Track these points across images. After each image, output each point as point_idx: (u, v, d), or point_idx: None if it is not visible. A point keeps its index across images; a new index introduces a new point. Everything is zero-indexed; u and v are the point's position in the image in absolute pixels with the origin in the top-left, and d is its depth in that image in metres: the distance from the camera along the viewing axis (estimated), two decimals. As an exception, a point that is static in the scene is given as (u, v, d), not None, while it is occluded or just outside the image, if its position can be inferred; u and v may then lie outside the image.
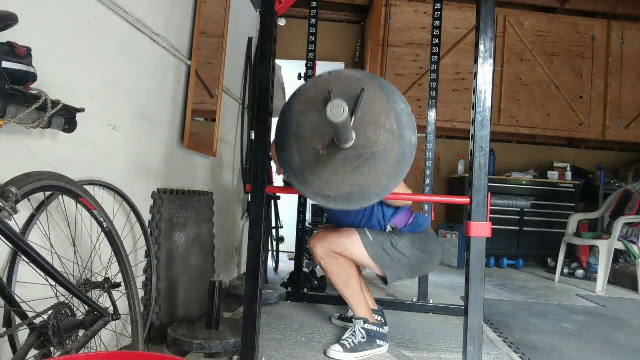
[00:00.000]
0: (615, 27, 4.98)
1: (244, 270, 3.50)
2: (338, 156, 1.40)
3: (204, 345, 1.73)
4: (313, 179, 1.44)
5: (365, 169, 1.40)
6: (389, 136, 1.40)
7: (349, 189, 1.42)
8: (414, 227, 2.04)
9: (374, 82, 1.42)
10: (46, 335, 1.04)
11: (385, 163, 1.41)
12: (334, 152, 1.40)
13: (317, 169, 1.43)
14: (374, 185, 1.42)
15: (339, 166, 1.41)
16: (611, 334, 2.43)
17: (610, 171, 5.11)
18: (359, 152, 1.39)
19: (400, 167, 1.41)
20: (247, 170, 3.28)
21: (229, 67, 2.79)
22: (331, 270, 1.95)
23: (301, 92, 1.50)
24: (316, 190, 1.45)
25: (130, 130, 1.77)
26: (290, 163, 1.46)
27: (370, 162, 1.40)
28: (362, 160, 1.40)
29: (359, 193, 1.42)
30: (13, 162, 1.17)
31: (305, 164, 1.44)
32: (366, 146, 1.40)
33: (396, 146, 1.40)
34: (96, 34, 1.51)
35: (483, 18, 1.51)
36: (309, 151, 1.43)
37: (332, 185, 1.44)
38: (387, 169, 1.41)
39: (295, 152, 1.45)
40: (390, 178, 1.42)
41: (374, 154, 1.40)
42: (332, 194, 1.44)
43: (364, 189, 1.42)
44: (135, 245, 1.83)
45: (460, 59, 4.80)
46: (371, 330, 1.92)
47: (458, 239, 4.55)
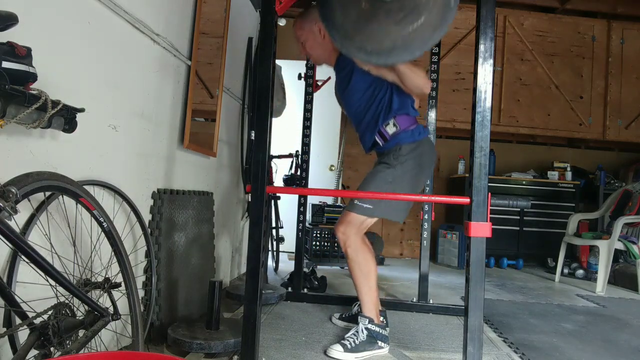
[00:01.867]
0: (615, 27, 4.98)
1: (244, 270, 3.50)
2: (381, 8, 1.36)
3: (204, 345, 1.73)
4: (355, 34, 1.40)
5: (409, 21, 1.36)
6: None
7: (392, 42, 1.38)
8: (413, 134, 2.01)
9: None
10: (46, 335, 1.04)
11: (429, 13, 1.36)
12: (376, 4, 1.36)
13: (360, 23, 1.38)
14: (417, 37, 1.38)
15: (382, 19, 1.37)
16: (611, 334, 2.43)
17: (610, 171, 5.11)
18: (402, 3, 1.35)
19: (445, 16, 1.37)
20: (247, 170, 3.28)
21: (229, 67, 2.79)
22: (356, 260, 1.96)
23: None
24: (359, 45, 1.41)
25: (130, 130, 1.77)
26: (332, 17, 1.42)
27: (414, 13, 1.36)
28: (406, 11, 1.36)
29: (402, 46, 1.38)
30: (13, 162, 1.17)
31: (348, 17, 1.40)
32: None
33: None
34: (96, 34, 1.51)
35: (483, 18, 1.51)
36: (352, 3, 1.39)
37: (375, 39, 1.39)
38: (430, 19, 1.37)
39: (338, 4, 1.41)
40: (434, 29, 1.38)
41: (417, 5, 1.36)
42: (375, 48, 1.40)
43: (406, 42, 1.38)
44: (135, 245, 1.83)
45: (460, 59, 4.81)
46: (373, 330, 1.92)
47: (458, 239, 4.55)
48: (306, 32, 2.09)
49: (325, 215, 4.27)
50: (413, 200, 2.08)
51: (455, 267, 4.50)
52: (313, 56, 2.16)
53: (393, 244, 5.22)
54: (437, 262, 4.76)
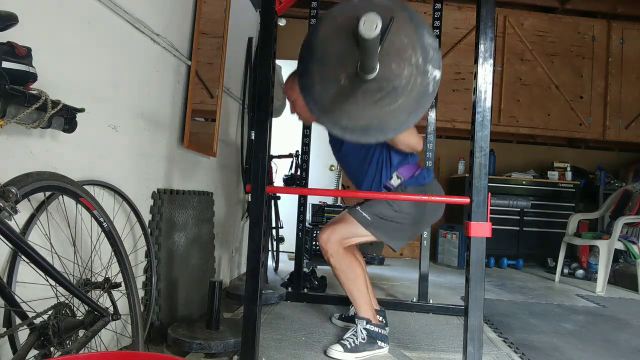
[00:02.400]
0: (615, 27, 4.98)
1: (244, 270, 3.50)
2: (360, 87, 1.38)
3: (204, 345, 1.73)
4: (332, 109, 1.42)
5: (386, 102, 1.38)
6: (413, 70, 1.37)
7: (367, 121, 1.40)
8: (419, 180, 2.01)
9: (403, 12, 1.38)
10: (46, 335, 1.04)
11: (407, 97, 1.38)
12: (356, 83, 1.38)
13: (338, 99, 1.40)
14: (392, 119, 1.40)
15: (359, 97, 1.39)
16: (611, 334, 2.43)
17: (610, 171, 5.11)
18: (381, 84, 1.37)
19: (422, 102, 1.38)
20: (247, 170, 3.28)
21: (229, 67, 2.79)
22: (340, 268, 1.95)
23: (328, 17, 1.45)
24: (334, 120, 1.43)
25: (130, 130, 1.77)
26: (310, 90, 1.44)
27: (392, 95, 1.38)
28: (384, 93, 1.37)
29: (377, 126, 1.40)
30: (13, 162, 1.17)
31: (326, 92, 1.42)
32: (389, 79, 1.37)
33: (419, 81, 1.38)
34: (96, 34, 1.51)
35: (483, 18, 1.51)
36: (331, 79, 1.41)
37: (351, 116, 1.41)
38: (407, 103, 1.38)
39: (317, 79, 1.42)
40: (410, 113, 1.40)
41: (395, 88, 1.37)
42: (349, 124, 1.42)
43: (382, 122, 1.40)
44: (135, 245, 1.83)
45: (460, 59, 4.80)
46: (372, 331, 1.92)
47: (458, 239, 4.55)
48: (296, 93, 2.09)
49: (325, 215, 4.28)
50: (413, 200, 2.08)
51: (455, 267, 4.50)
52: (302, 116, 2.16)
53: (393, 244, 5.21)
54: (437, 262, 4.76)
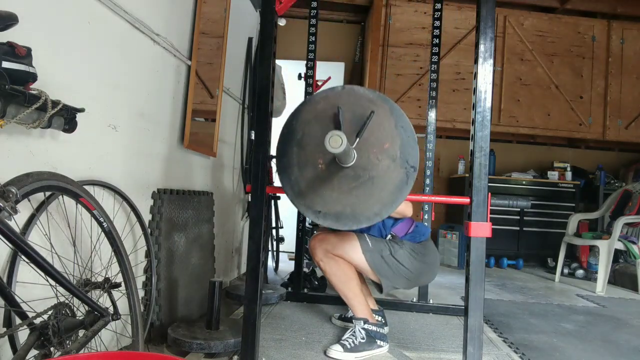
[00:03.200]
0: (615, 27, 4.98)
1: (244, 270, 3.50)
2: (336, 174, 1.41)
3: (204, 345, 1.73)
4: (307, 192, 1.45)
5: (361, 192, 1.41)
6: (391, 162, 1.40)
7: (341, 208, 1.43)
8: (414, 236, 2.04)
9: (384, 105, 1.42)
10: (46, 335, 1.04)
11: (382, 189, 1.41)
12: (333, 169, 1.40)
13: (313, 183, 1.43)
14: (366, 209, 1.42)
15: (335, 184, 1.42)
16: (611, 334, 2.43)
17: (610, 171, 5.11)
18: (357, 172, 1.40)
19: (396, 196, 1.41)
20: (247, 170, 3.28)
21: (229, 67, 2.79)
22: (330, 272, 1.96)
23: (311, 102, 1.50)
24: (308, 204, 1.46)
25: (130, 130, 1.77)
26: (287, 171, 1.47)
27: (367, 185, 1.40)
28: (360, 182, 1.40)
29: (350, 214, 1.43)
30: (13, 162, 1.17)
31: (303, 175, 1.45)
32: (366, 168, 1.40)
33: (395, 174, 1.41)
34: (96, 34, 1.51)
35: (483, 18, 1.51)
36: (309, 163, 1.43)
37: (325, 202, 1.44)
38: (382, 195, 1.41)
39: (295, 161, 1.45)
40: (383, 205, 1.42)
41: (372, 178, 1.40)
42: (323, 210, 1.44)
43: (355, 212, 1.42)
44: (135, 245, 1.83)
45: (460, 59, 4.80)
46: (371, 330, 1.92)
47: (458, 239, 4.55)
48: None
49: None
50: (413, 201, 2.08)
51: (455, 267, 4.50)
52: None
53: (393, 244, 5.21)
54: (437, 262, 4.76)
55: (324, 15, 5.02)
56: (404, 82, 4.76)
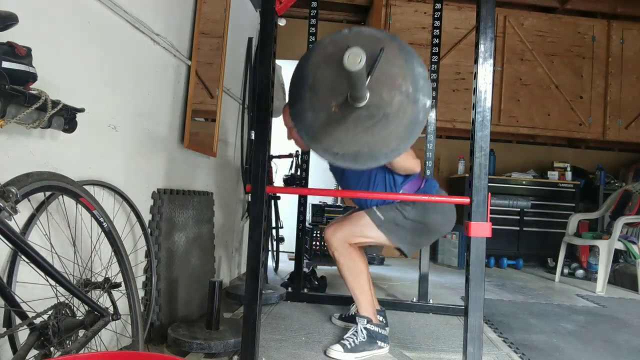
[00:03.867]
0: (615, 27, 4.98)
1: (244, 270, 3.50)
2: (350, 115, 1.39)
3: (204, 345, 1.73)
4: (323, 136, 1.44)
5: (377, 130, 1.40)
6: (403, 98, 1.39)
7: (358, 148, 1.42)
8: (425, 192, 2.02)
9: (393, 43, 1.40)
10: (46, 335, 1.04)
11: (397, 125, 1.40)
12: (346, 110, 1.39)
13: (329, 126, 1.42)
14: (383, 146, 1.41)
15: (350, 125, 1.41)
16: (611, 334, 2.43)
17: (610, 171, 5.11)
18: (371, 112, 1.39)
19: (412, 130, 1.40)
20: (247, 170, 3.28)
21: (229, 67, 2.79)
22: (344, 263, 1.95)
23: (319, 46, 1.47)
24: (325, 147, 1.45)
25: (130, 130, 1.77)
26: (302, 117, 1.45)
27: (382, 123, 1.39)
28: (374, 120, 1.39)
29: (368, 153, 1.42)
30: (13, 162, 1.17)
31: (317, 120, 1.43)
32: (379, 107, 1.39)
33: (409, 109, 1.39)
34: (96, 34, 1.51)
35: (483, 18, 1.51)
36: (322, 107, 1.42)
37: (342, 143, 1.43)
38: (398, 131, 1.40)
39: (309, 106, 1.44)
40: (400, 140, 1.41)
41: (386, 115, 1.39)
42: (340, 151, 1.43)
43: (373, 150, 1.41)
44: (135, 245, 1.83)
45: (460, 59, 4.80)
46: (373, 330, 1.92)
47: (458, 239, 4.55)
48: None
49: (325, 215, 4.27)
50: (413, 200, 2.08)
51: (455, 267, 4.50)
52: (298, 143, 2.16)
53: (393, 244, 5.21)
54: (437, 262, 4.76)
55: (324, 15, 5.02)
56: (404, 82, 4.76)
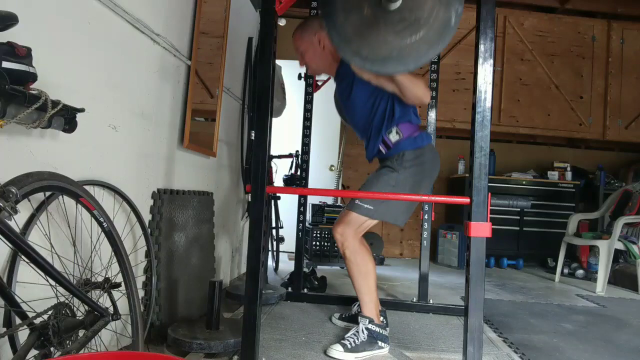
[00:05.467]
0: (615, 27, 4.98)
1: (244, 270, 3.50)
2: (382, 17, 1.38)
3: (204, 345, 1.73)
4: (353, 37, 1.43)
5: (407, 34, 1.39)
6: (436, 3, 1.38)
7: (388, 51, 1.41)
8: (417, 141, 2.02)
9: None
10: (46, 335, 1.04)
11: (428, 29, 1.39)
12: (378, 12, 1.39)
13: (359, 28, 1.41)
14: (413, 50, 1.40)
15: (381, 28, 1.40)
16: (611, 334, 2.43)
17: (610, 171, 5.11)
18: (403, 15, 1.37)
19: (443, 36, 1.39)
20: (247, 170, 3.28)
21: (229, 67, 2.79)
22: (354, 261, 1.96)
23: None
24: (355, 49, 1.43)
25: (130, 130, 1.77)
26: (333, 17, 1.44)
27: (414, 27, 1.38)
28: (406, 24, 1.38)
29: (397, 57, 1.41)
30: (13, 162, 1.17)
31: (348, 20, 1.42)
32: (412, 10, 1.38)
33: (442, 14, 1.38)
34: (96, 34, 1.51)
35: (483, 18, 1.51)
36: (354, 7, 1.42)
37: (372, 46, 1.42)
38: (429, 35, 1.39)
39: (340, 5, 1.43)
40: (430, 46, 1.40)
41: (418, 19, 1.38)
42: (370, 54, 1.43)
43: (402, 54, 1.40)
44: (135, 245, 1.83)
45: (460, 59, 4.80)
46: (374, 331, 1.92)
47: (458, 239, 4.55)
48: (306, 43, 2.11)
49: (325, 215, 4.27)
50: (413, 200, 2.08)
51: (455, 267, 4.50)
52: (312, 67, 2.17)
53: (393, 244, 5.22)
54: (437, 262, 4.76)
55: (324, 15, 5.01)
56: (404, 82, 4.76)
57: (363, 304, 1.99)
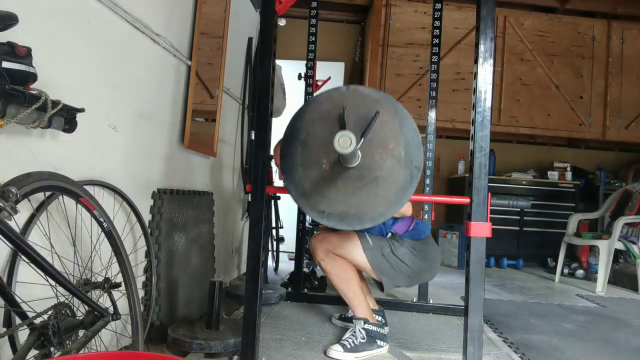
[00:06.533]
0: (615, 27, 4.98)
1: (244, 270, 3.50)
2: (341, 174, 1.40)
3: (204, 345, 1.73)
4: (312, 192, 1.44)
5: (365, 192, 1.40)
6: (395, 163, 1.40)
7: (345, 208, 1.42)
8: (414, 234, 2.04)
9: (389, 105, 1.41)
10: (46, 335, 1.04)
11: (386, 189, 1.40)
12: (337, 169, 1.40)
13: (318, 183, 1.42)
14: (370, 209, 1.42)
15: (339, 184, 1.41)
16: (611, 334, 2.43)
17: (610, 171, 5.10)
18: (362, 173, 1.39)
19: (401, 195, 1.41)
20: (247, 170, 3.28)
21: (229, 67, 2.79)
22: (331, 271, 1.96)
23: (315, 102, 1.49)
24: (313, 204, 1.45)
25: (130, 130, 1.77)
26: (292, 171, 1.46)
27: (372, 185, 1.40)
28: (364, 182, 1.40)
29: (354, 215, 1.42)
30: (13, 162, 1.17)
31: (307, 175, 1.44)
32: (370, 169, 1.39)
33: (400, 174, 1.40)
34: (96, 34, 1.51)
35: (483, 18, 1.51)
36: (313, 163, 1.43)
37: (330, 202, 1.43)
38: (387, 195, 1.41)
39: (299, 161, 1.45)
40: (388, 205, 1.42)
41: (376, 178, 1.40)
42: (327, 210, 1.44)
43: (360, 212, 1.42)
44: (135, 245, 1.83)
45: (460, 59, 4.80)
46: (371, 330, 1.92)
47: (458, 239, 4.55)
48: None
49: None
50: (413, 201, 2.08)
51: (455, 267, 4.50)
52: None
53: (393, 244, 5.21)
54: (437, 262, 4.75)
55: (324, 15, 5.02)
56: (404, 82, 4.76)
57: (353, 307, 2.00)
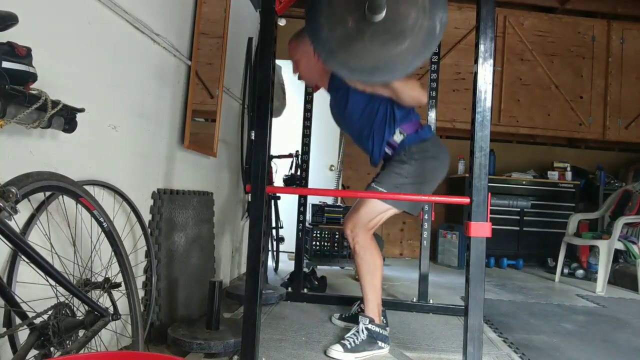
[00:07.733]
0: (615, 27, 4.98)
1: (244, 270, 3.50)
2: (367, 30, 1.41)
3: (204, 345, 1.73)
4: (339, 51, 1.45)
5: (393, 44, 1.41)
6: (420, 13, 1.40)
7: (375, 62, 1.43)
8: (420, 135, 2.03)
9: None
10: (46, 335, 1.04)
11: (414, 39, 1.41)
12: (363, 25, 1.41)
13: (345, 41, 1.43)
14: (400, 60, 1.43)
15: (367, 40, 1.42)
16: (611, 334, 2.43)
17: (610, 171, 5.10)
18: (388, 26, 1.39)
19: (428, 44, 1.41)
20: (247, 170, 3.28)
21: (229, 67, 2.79)
22: (364, 257, 1.97)
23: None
24: (342, 62, 1.46)
25: (130, 130, 1.77)
26: (319, 33, 1.46)
27: (399, 37, 1.40)
28: (391, 35, 1.40)
29: (384, 67, 1.44)
30: (13, 162, 1.17)
31: (334, 35, 1.45)
32: (396, 21, 1.39)
33: (426, 23, 1.40)
34: (96, 34, 1.51)
35: (483, 18, 1.51)
36: (339, 22, 1.44)
37: (359, 58, 1.44)
38: (414, 45, 1.41)
39: (325, 22, 1.45)
40: (416, 54, 1.42)
41: (403, 30, 1.40)
42: (357, 65, 1.45)
43: (389, 64, 1.43)
44: (135, 245, 1.83)
45: (460, 59, 4.80)
46: (374, 331, 1.92)
47: (458, 239, 4.55)
48: (300, 52, 2.14)
49: (325, 215, 4.27)
50: (413, 201, 2.08)
51: (455, 267, 4.50)
52: (305, 76, 2.19)
53: (393, 244, 5.22)
54: (437, 262, 4.76)
55: (324, 15, 5.01)
56: (404, 82, 4.76)
57: (367, 302, 2.00)
